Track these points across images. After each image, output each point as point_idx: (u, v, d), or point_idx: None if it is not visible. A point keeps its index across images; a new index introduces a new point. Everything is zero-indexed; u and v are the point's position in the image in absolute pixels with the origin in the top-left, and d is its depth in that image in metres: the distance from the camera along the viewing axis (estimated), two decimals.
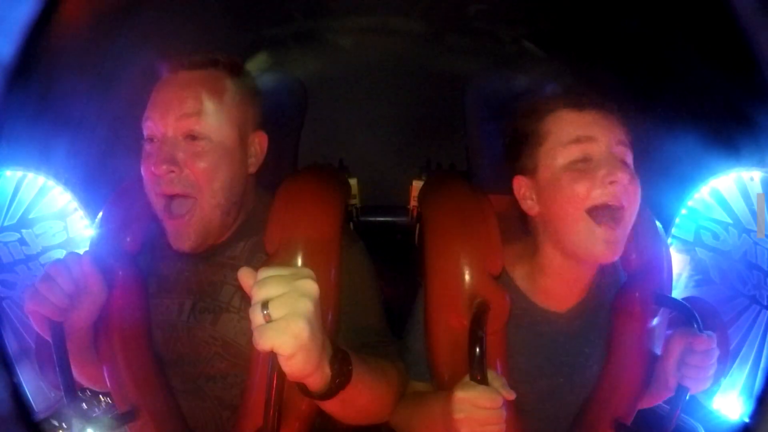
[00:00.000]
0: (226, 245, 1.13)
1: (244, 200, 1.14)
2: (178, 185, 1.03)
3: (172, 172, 1.02)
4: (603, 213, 0.95)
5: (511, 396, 0.88)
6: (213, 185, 1.04)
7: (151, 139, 1.06)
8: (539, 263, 1.06)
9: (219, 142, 1.05)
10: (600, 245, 0.95)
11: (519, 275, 1.11)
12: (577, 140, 0.97)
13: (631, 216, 0.97)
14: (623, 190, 0.94)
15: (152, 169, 1.02)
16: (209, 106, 1.05)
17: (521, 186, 1.04)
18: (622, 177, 0.93)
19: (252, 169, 1.13)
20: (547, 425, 1.11)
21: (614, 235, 0.95)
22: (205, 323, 1.09)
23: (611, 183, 0.94)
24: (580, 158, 0.97)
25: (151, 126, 1.05)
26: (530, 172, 1.03)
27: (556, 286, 1.07)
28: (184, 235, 1.05)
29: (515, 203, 1.08)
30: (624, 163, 0.97)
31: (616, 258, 0.99)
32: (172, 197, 1.04)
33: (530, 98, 1.07)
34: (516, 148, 1.05)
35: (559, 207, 0.98)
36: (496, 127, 1.28)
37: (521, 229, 1.11)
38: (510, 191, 1.09)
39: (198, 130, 1.03)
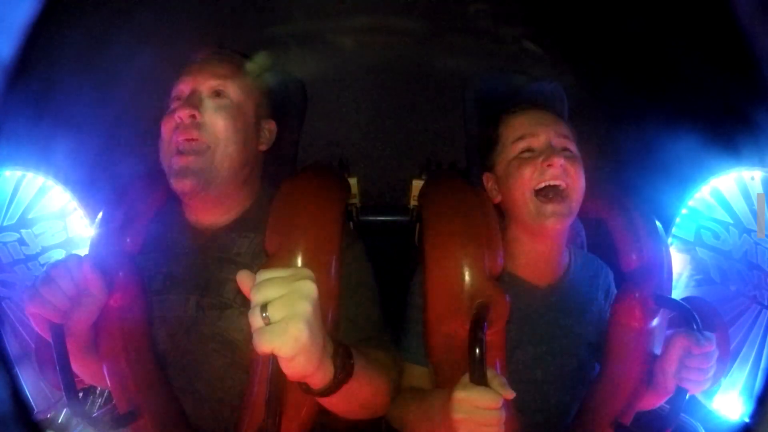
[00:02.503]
0: (232, 238, 1.14)
1: (253, 178, 1.19)
2: (196, 131, 1.08)
3: (193, 117, 1.08)
4: (547, 192, 1.12)
5: (511, 395, 0.88)
6: (228, 137, 1.11)
7: (178, 98, 1.13)
8: (510, 244, 1.20)
9: (240, 106, 1.14)
10: (549, 219, 1.12)
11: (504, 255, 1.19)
12: (521, 137, 1.17)
13: (575, 192, 1.13)
14: (562, 171, 1.12)
15: (177, 114, 1.08)
16: (235, 77, 1.15)
17: (488, 180, 1.24)
18: (558, 160, 1.11)
19: (263, 147, 1.20)
20: (533, 391, 1.15)
21: (560, 209, 1.12)
22: (212, 319, 1.09)
23: (549, 166, 1.12)
24: (525, 150, 1.16)
25: (181, 87, 1.13)
26: (492, 168, 1.23)
27: (530, 262, 1.20)
28: (188, 171, 1.07)
29: None
30: (564, 150, 1.15)
31: (563, 228, 1.16)
32: (187, 141, 1.08)
33: (490, 111, 1.29)
34: (482, 152, 1.26)
35: (512, 191, 1.16)
36: None
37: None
38: None
39: (225, 89, 1.13)
